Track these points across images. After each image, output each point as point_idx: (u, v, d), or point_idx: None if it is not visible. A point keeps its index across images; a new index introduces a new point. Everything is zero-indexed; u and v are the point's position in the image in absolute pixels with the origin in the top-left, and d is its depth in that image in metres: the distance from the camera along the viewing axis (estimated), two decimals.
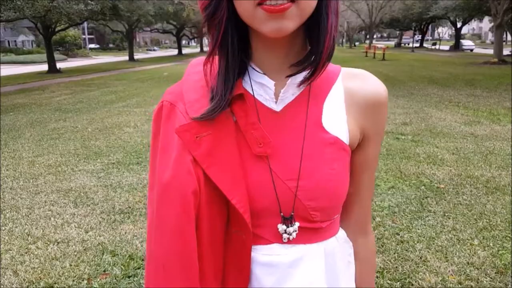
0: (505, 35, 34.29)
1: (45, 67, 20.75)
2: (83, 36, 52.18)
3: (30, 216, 3.44)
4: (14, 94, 11.72)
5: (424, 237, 2.94)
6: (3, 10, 13.13)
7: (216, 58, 0.63)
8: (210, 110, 0.60)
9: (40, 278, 2.54)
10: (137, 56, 33.98)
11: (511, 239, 2.87)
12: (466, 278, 2.44)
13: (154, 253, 0.61)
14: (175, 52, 44.79)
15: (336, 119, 0.64)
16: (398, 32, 59.80)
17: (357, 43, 66.04)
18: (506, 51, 23.18)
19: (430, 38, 69.45)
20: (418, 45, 48.85)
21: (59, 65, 21.52)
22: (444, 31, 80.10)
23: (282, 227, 0.63)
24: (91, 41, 60.56)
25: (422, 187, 3.88)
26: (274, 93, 0.63)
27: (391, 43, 59.85)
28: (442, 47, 43.94)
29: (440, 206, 3.46)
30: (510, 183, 3.93)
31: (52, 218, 3.38)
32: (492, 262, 2.59)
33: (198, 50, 51.71)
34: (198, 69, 0.66)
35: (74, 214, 3.45)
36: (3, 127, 6.99)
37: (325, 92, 0.65)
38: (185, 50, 50.57)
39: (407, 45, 54.33)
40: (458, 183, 3.97)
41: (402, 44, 55.86)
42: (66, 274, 2.57)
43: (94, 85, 13.90)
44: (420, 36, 50.84)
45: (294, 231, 0.63)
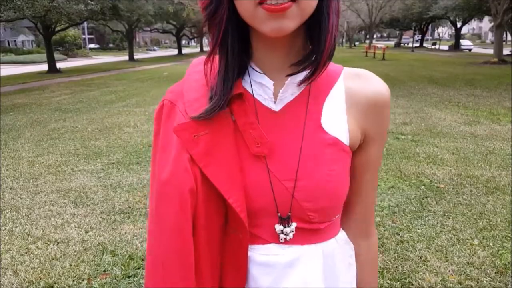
0: (505, 35, 34.27)
1: (45, 67, 20.75)
2: (83, 36, 52.17)
3: (30, 216, 3.44)
4: (14, 94, 11.72)
5: (424, 237, 2.94)
6: (3, 10, 13.12)
7: (216, 57, 0.63)
8: (209, 110, 0.60)
9: (40, 278, 2.53)
10: (137, 56, 33.99)
11: (511, 239, 2.87)
12: (466, 278, 2.44)
13: (152, 251, 0.61)
14: (175, 52, 44.78)
15: (336, 120, 0.63)
16: (398, 32, 59.82)
17: (357, 43, 66.01)
18: (506, 51, 23.19)
19: (430, 38, 69.50)
20: (418, 45, 48.87)
21: (59, 65, 21.52)
22: (444, 31, 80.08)
23: (279, 227, 0.62)
24: (91, 41, 60.55)
25: (422, 187, 3.88)
26: (274, 93, 0.63)
27: (391, 43, 59.83)
28: (442, 47, 43.99)
29: (440, 206, 3.46)
30: (510, 183, 3.93)
31: (52, 218, 3.38)
32: (492, 262, 2.59)
33: (198, 50, 51.67)
34: (199, 68, 0.66)
35: (74, 214, 3.45)
36: (3, 127, 6.99)
37: (325, 92, 0.64)
38: (185, 50, 50.57)
39: (407, 45, 54.39)
40: (458, 183, 3.97)
41: (402, 44, 55.89)
42: (66, 274, 2.57)
43: (94, 85, 13.90)
44: (420, 36, 50.86)
45: (291, 232, 0.62)
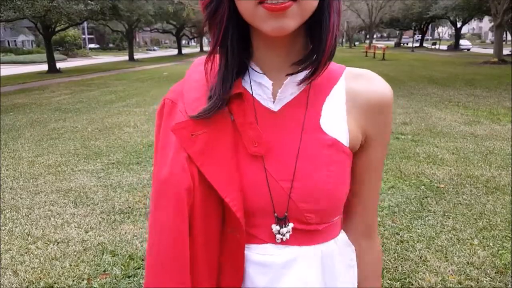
0: (505, 35, 34.27)
1: (45, 67, 20.75)
2: (83, 36, 52.17)
3: (30, 216, 3.44)
4: (14, 94, 11.71)
5: (424, 237, 2.94)
6: (3, 10, 13.12)
7: (217, 57, 0.63)
8: (207, 109, 0.60)
9: (40, 278, 2.53)
10: (137, 56, 33.98)
11: (511, 239, 2.87)
12: (466, 278, 2.44)
13: (150, 251, 0.61)
14: (175, 52, 44.79)
15: (335, 121, 0.63)
16: (398, 32, 59.82)
17: (357, 43, 66.03)
18: (506, 51, 23.20)
19: (430, 38, 69.53)
20: (418, 45, 48.90)
21: (59, 65, 21.52)
22: (444, 31, 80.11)
23: (275, 228, 0.62)
24: (91, 41, 60.56)
25: (422, 187, 3.88)
26: (273, 92, 0.63)
27: (391, 43, 59.86)
28: (442, 47, 44.02)
29: (440, 206, 3.46)
30: (510, 183, 3.93)
31: (52, 218, 3.38)
32: (492, 262, 2.59)
33: (198, 50, 51.69)
34: (200, 68, 0.66)
35: (74, 214, 3.44)
36: (3, 127, 6.99)
37: (325, 92, 0.64)
38: (185, 50, 50.59)
39: (407, 44, 54.42)
40: (458, 183, 3.97)
41: (401, 44, 55.90)
42: (66, 274, 2.57)
43: (94, 85, 13.89)
44: (420, 36, 50.88)
45: (287, 232, 0.62)
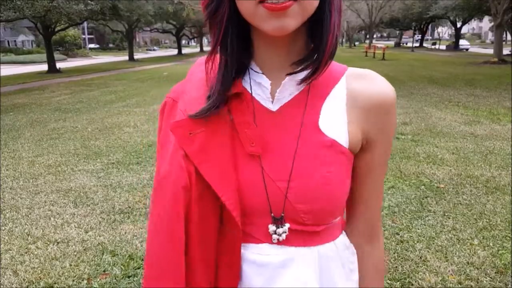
0: (505, 35, 34.26)
1: (45, 67, 20.75)
2: (83, 36, 52.16)
3: (30, 216, 3.44)
4: (14, 94, 11.71)
5: (424, 237, 2.94)
6: (3, 10, 13.12)
7: (217, 56, 0.63)
8: (205, 108, 0.60)
9: (40, 278, 2.53)
10: (137, 56, 33.99)
11: (511, 239, 2.87)
12: (466, 278, 2.44)
13: (149, 250, 0.62)
14: (175, 52, 44.80)
15: (335, 121, 0.62)
16: (398, 32, 59.84)
17: (357, 43, 66.03)
18: (506, 51, 23.21)
19: (430, 37, 69.54)
20: (418, 44, 48.91)
21: (59, 65, 21.52)
22: (444, 31, 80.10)
23: (272, 228, 0.62)
24: (91, 41, 60.56)
25: (422, 187, 3.88)
26: (272, 92, 0.63)
27: (391, 43, 59.85)
28: (442, 47, 44.04)
29: (440, 206, 3.46)
30: (510, 183, 3.93)
31: (52, 218, 3.37)
32: (492, 262, 2.59)
33: (198, 50, 51.71)
34: (203, 67, 0.66)
35: (74, 214, 3.44)
36: (3, 127, 6.98)
37: (325, 92, 0.63)
38: (185, 50, 50.58)
39: (406, 44, 54.43)
40: (458, 183, 3.97)
41: (401, 43, 55.91)
42: (66, 274, 2.57)
43: (94, 85, 13.89)
44: (420, 35, 50.88)
45: (283, 232, 0.61)
